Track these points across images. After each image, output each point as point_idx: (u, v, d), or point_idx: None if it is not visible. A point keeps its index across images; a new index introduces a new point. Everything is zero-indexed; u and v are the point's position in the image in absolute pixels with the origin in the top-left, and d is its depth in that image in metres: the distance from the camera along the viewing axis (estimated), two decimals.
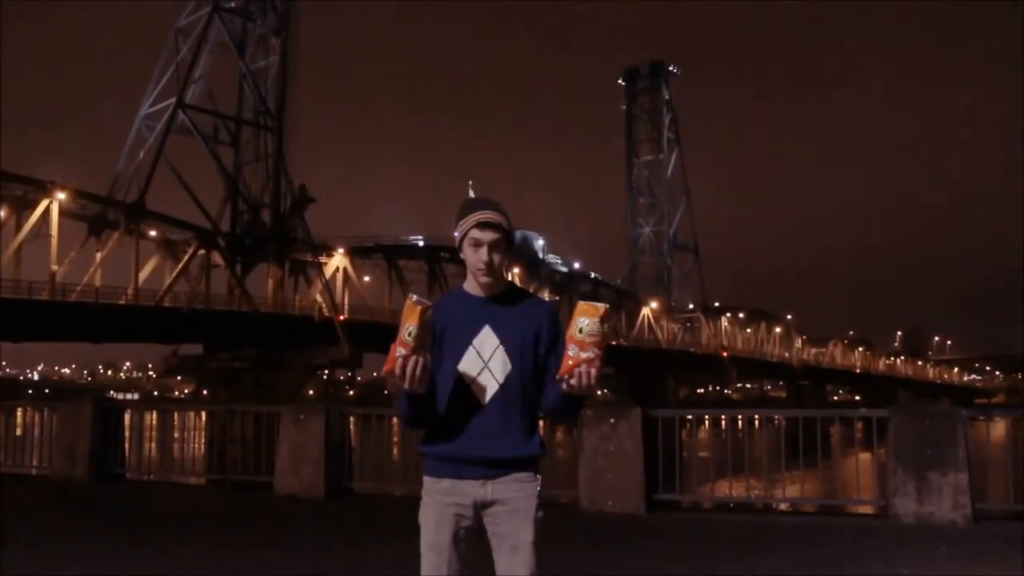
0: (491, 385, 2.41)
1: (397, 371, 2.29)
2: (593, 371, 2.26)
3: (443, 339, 2.44)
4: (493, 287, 2.45)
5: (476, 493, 2.41)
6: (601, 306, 2.30)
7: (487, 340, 2.42)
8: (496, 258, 2.42)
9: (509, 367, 2.40)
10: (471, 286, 2.48)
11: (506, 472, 2.42)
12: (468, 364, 2.42)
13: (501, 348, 2.42)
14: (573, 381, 2.27)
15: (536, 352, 2.44)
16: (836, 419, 9.88)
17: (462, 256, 2.46)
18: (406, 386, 2.30)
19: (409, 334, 2.29)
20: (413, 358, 2.29)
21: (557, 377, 2.31)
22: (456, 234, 2.45)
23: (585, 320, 2.28)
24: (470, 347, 2.42)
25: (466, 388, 2.41)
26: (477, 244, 2.41)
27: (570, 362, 2.27)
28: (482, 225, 2.40)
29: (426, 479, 2.48)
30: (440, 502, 2.43)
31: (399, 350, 2.29)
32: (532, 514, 2.42)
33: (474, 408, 2.40)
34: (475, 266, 2.42)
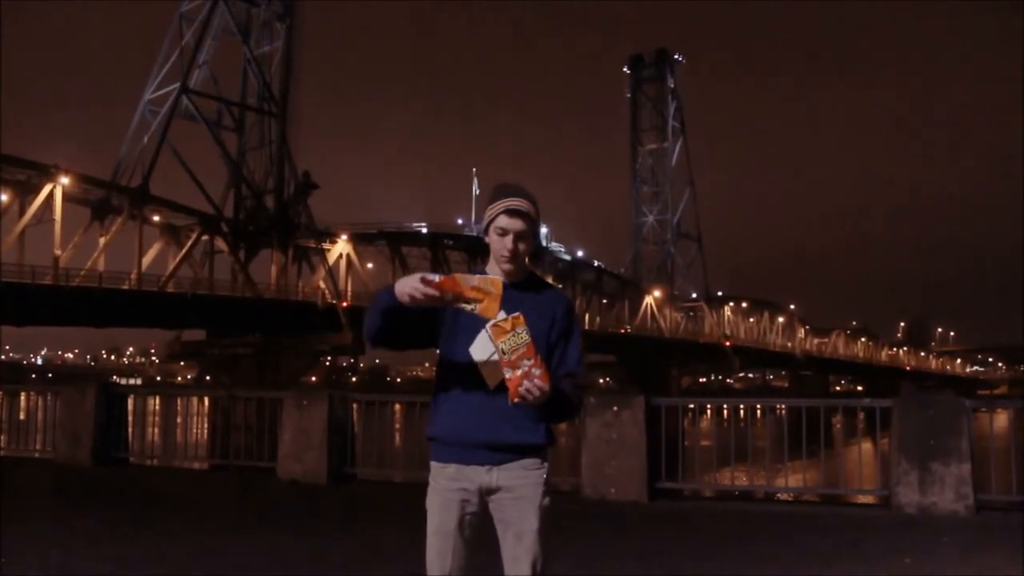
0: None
1: (423, 292, 2.21)
2: (536, 380, 2.24)
3: (457, 319, 2.41)
4: (513, 274, 2.43)
5: (481, 479, 2.40)
6: (507, 319, 2.26)
7: None
8: (521, 247, 2.41)
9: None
10: (492, 271, 2.46)
11: (512, 459, 2.40)
12: (479, 348, 2.39)
13: None
14: (528, 399, 2.25)
15: (548, 342, 2.41)
16: (839, 409, 9.87)
17: (486, 240, 2.45)
18: (404, 298, 2.24)
19: (471, 302, 2.25)
20: (443, 303, 2.24)
21: (510, 404, 2.29)
22: (461, 220, 2.42)
23: (502, 342, 2.26)
24: (483, 331, 2.40)
25: (476, 372, 2.39)
26: (503, 232, 2.39)
27: (512, 386, 2.26)
28: (511, 212, 2.38)
29: (433, 464, 2.46)
30: (446, 488, 2.42)
31: (446, 293, 2.23)
32: (537, 502, 2.41)
33: (483, 393, 2.38)
34: (499, 253, 2.41)
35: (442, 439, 2.44)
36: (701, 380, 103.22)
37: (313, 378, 58.20)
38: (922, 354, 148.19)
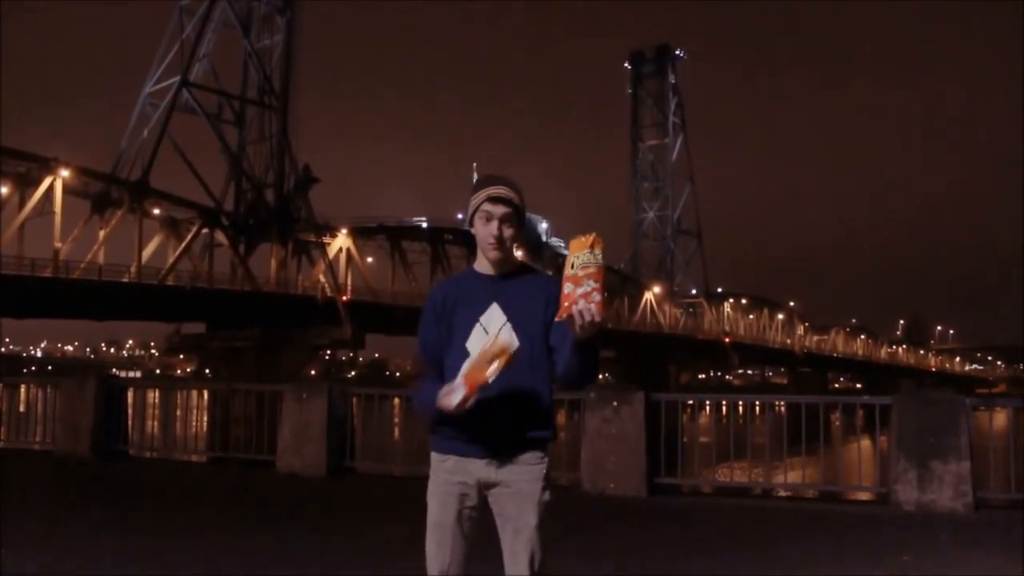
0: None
1: (457, 401, 2.26)
2: (593, 305, 2.14)
3: (452, 315, 2.42)
4: (502, 264, 2.43)
5: (480, 473, 2.40)
6: (589, 236, 2.20)
7: (494, 317, 2.40)
8: (507, 232, 2.39)
9: (516, 344, 2.35)
10: (481, 265, 2.46)
11: (513, 453, 2.40)
12: (475, 341, 2.39)
13: (508, 325, 2.39)
14: (578, 320, 2.15)
15: (545, 329, 2.40)
16: (838, 406, 9.87)
17: (473, 231, 2.44)
18: (448, 406, 2.27)
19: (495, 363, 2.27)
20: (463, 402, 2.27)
21: (556, 319, 2.20)
22: (461, 215, 2.42)
23: (575, 255, 2.18)
24: (477, 324, 2.40)
25: None
26: (488, 218, 2.39)
27: (566, 302, 2.16)
28: (493, 199, 2.39)
29: (433, 456, 2.47)
30: (445, 481, 2.42)
31: (476, 391, 2.25)
32: (536, 497, 2.40)
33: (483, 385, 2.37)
34: (485, 240, 2.40)
35: (441, 430, 2.43)
36: (700, 376, 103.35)
37: (312, 372, 58.19)
38: (921, 352, 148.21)
